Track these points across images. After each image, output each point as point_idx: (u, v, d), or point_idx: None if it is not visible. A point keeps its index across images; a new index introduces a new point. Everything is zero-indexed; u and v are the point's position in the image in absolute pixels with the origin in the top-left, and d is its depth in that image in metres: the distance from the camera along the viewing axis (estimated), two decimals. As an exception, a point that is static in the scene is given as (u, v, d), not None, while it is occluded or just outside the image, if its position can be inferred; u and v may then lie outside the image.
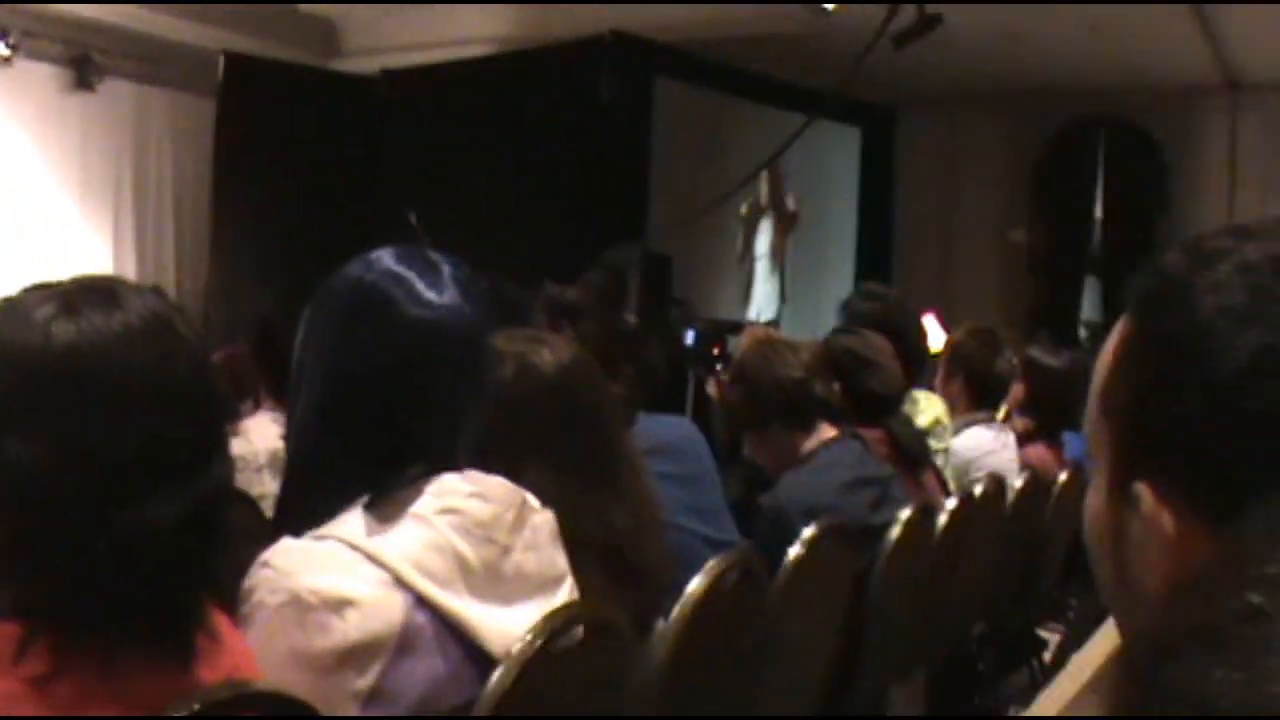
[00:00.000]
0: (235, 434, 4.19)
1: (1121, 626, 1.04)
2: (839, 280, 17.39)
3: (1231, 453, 0.90)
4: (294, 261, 11.75)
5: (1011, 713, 4.84)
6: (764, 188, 15.76)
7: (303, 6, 13.63)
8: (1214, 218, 17.09)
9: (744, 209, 15.73)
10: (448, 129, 13.08)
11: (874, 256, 17.60)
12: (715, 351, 8.38)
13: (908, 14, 11.13)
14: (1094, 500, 1.03)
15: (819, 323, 16.89)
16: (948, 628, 4.40)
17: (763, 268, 16.21)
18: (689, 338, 9.49)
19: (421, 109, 13.44)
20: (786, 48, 13.98)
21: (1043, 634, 5.50)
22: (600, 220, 12.55)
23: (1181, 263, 0.98)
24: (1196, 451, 0.92)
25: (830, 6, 10.57)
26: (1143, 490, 0.94)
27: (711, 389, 7.18)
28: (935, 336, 7.59)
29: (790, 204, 16.26)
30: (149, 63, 13.50)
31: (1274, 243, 0.94)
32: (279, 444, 3.67)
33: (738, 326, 10.03)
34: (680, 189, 14.07)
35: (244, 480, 3.75)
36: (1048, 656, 5.34)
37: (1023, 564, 5.04)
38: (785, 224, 16.30)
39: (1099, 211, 17.49)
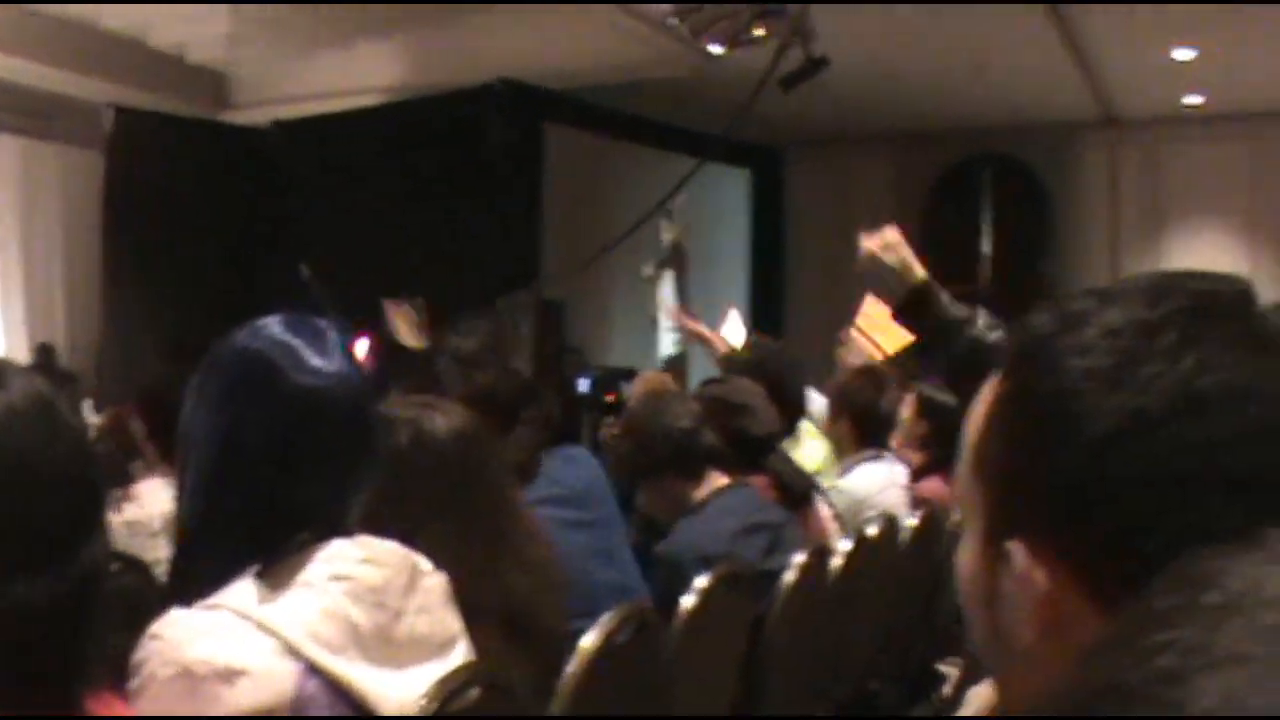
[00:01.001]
0: (129, 499, 4.14)
1: (997, 680, 1.07)
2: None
3: (1102, 513, 0.93)
4: (187, 316, 11.66)
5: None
6: (666, 238, 15.84)
7: (191, 58, 13.54)
8: (1098, 251, 17.43)
9: (649, 269, 15.81)
10: (340, 179, 13.05)
11: (767, 298, 17.73)
12: (610, 399, 8.42)
13: (794, 57, 11.24)
14: (967, 556, 1.06)
15: (710, 367, 17.01)
16: (847, 667, 4.44)
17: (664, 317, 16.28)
18: (583, 385, 9.53)
19: (313, 159, 13.39)
20: (675, 92, 14.09)
21: (942, 668, 5.56)
22: (493, 268, 12.55)
23: (1048, 324, 1.02)
24: (1068, 512, 0.94)
25: (717, 50, 10.64)
26: (1016, 549, 0.96)
27: (606, 435, 7.21)
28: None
29: (677, 245, 16.37)
30: (36, 117, 13.36)
31: (1136, 307, 0.98)
32: (172, 508, 3.64)
33: (631, 373, 10.07)
34: (572, 235, 14.11)
35: (138, 545, 3.72)
36: (947, 690, 5.39)
37: (920, 600, 5.09)
38: (682, 270, 16.41)
39: (986, 248, 17.77)
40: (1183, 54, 14.00)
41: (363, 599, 1.90)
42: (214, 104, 14.22)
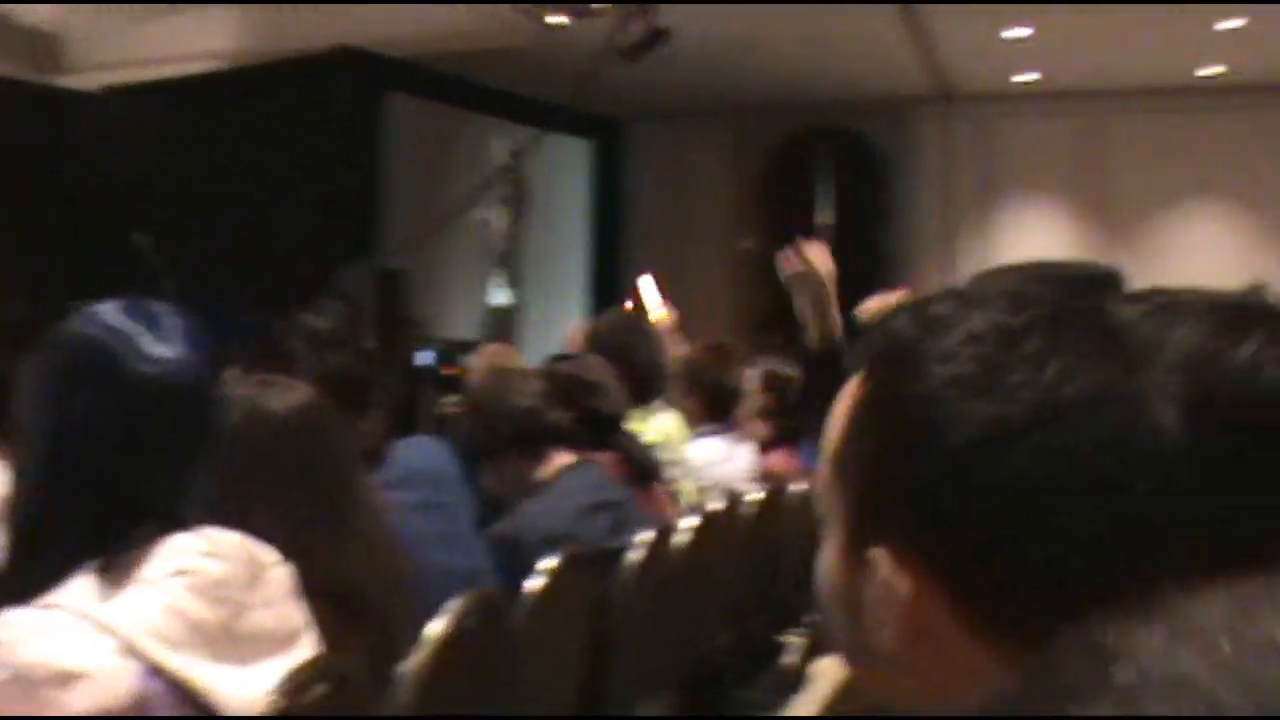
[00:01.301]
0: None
1: (858, 678, 1.07)
2: (572, 291, 17.53)
3: (967, 521, 0.93)
4: (15, 291, 11.33)
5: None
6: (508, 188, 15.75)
7: (20, 18, 13.14)
8: (933, 223, 17.76)
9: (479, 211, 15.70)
10: (177, 147, 12.78)
11: (606, 268, 17.78)
12: (451, 372, 8.35)
13: (636, 27, 11.26)
14: (828, 558, 1.05)
15: (550, 339, 17.02)
16: (692, 642, 4.47)
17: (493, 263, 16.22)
18: (424, 358, 9.45)
19: (148, 126, 13.09)
20: (518, 61, 14.02)
21: (784, 639, 5.62)
22: (335, 237, 12.42)
23: (909, 328, 1.00)
24: (932, 519, 0.95)
25: (557, 20, 10.62)
26: (879, 555, 0.97)
27: (446, 410, 7.15)
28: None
29: (518, 196, 16.30)
30: None
31: (996, 312, 0.98)
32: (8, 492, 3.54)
33: (473, 345, 10.01)
34: (414, 204, 14.02)
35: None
36: (790, 660, 5.45)
37: (762, 573, 5.14)
38: (514, 213, 16.31)
39: (823, 219, 17.99)
40: (1017, 32, 14.28)
41: (205, 594, 1.86)
42: (45, 66, 13.83)
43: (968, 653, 0.94)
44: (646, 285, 8.46)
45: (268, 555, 2.01)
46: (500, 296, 16.13)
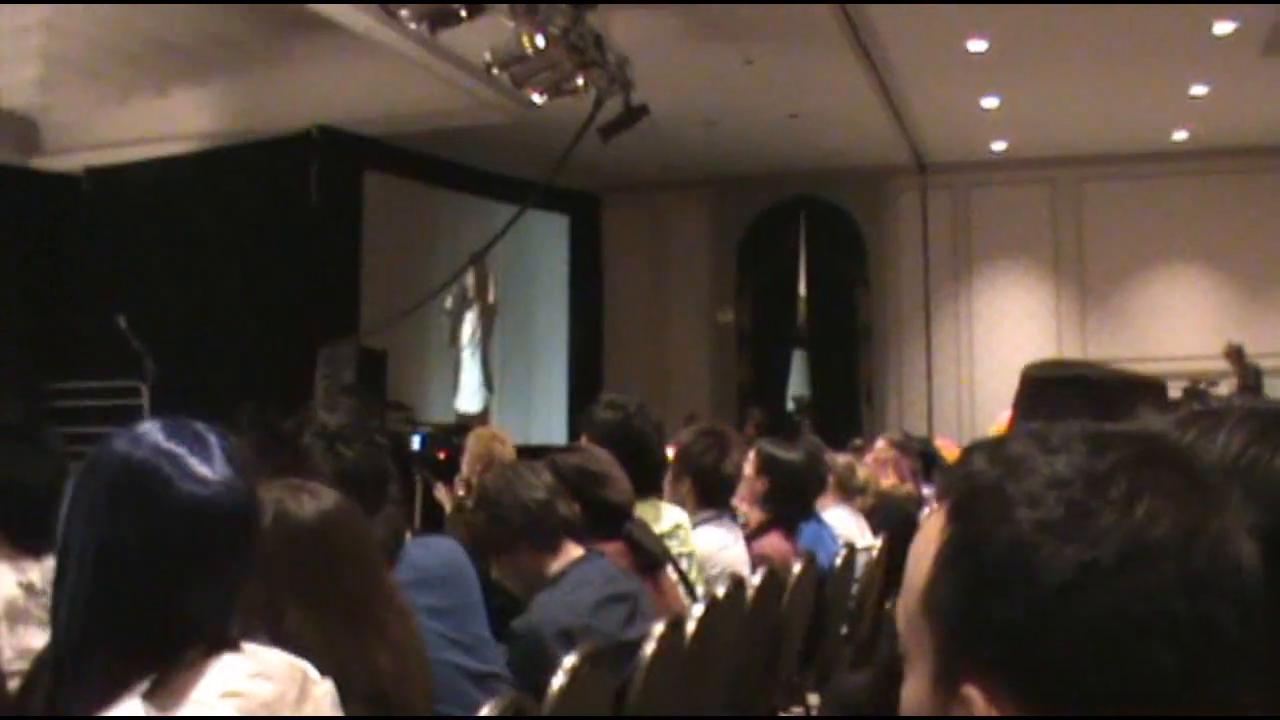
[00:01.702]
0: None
1: None
2: (552, 368, 17.56)
3: (1059, 659, 0.96)
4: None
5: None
6: (470, 278, 15.82)
7: (1, 103, 13.18)
8: (910, 291, 17.85)
9: (449, 302, 15.75)
10: (156, 227, 12.82)
11: (586, 342, 17.81)
12: (442, 456, 8.35)
13: (614, 105, 11.35)
14: (915, 691, 1.07)
15: (531, 413, 17.03)
16: (699, 726, 4.47)
17: (467, 358, 16.25)
18: (415, 442, 9.45)
19: (128, 207, 13.14)
20: (495, 139, 14.11)
21: (784, 716, 5.64)
22: (314, 317, 12.42)
23: (990, 471, 1.03)
24: (1025, 658, 0.97)
25: (539, 100, 10.69)
26: (973, 693, 0.99)
27: (441, 495, 7.14)
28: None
29: (490, 295, 16.38)
30: None
31: (1078, 455, 1.01)
32: (16, 591, 3.52)
33: (464, 429, 10.01)
34: (393, 283, 14.04)
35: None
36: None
37: (764, 654, 5.15)
38: (487, 315, 16.40)
39: (803, 289, 18.09)
40: (989, 101, 14.44)
41: (256, 715, 1.87)
42: (24, 149, 13.87)
43: None
44: None
45: (312, 671, 2.02)
46: (476, 403, 16.18)
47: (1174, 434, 1.39)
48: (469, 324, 16.26)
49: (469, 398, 16.25)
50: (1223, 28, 12.14)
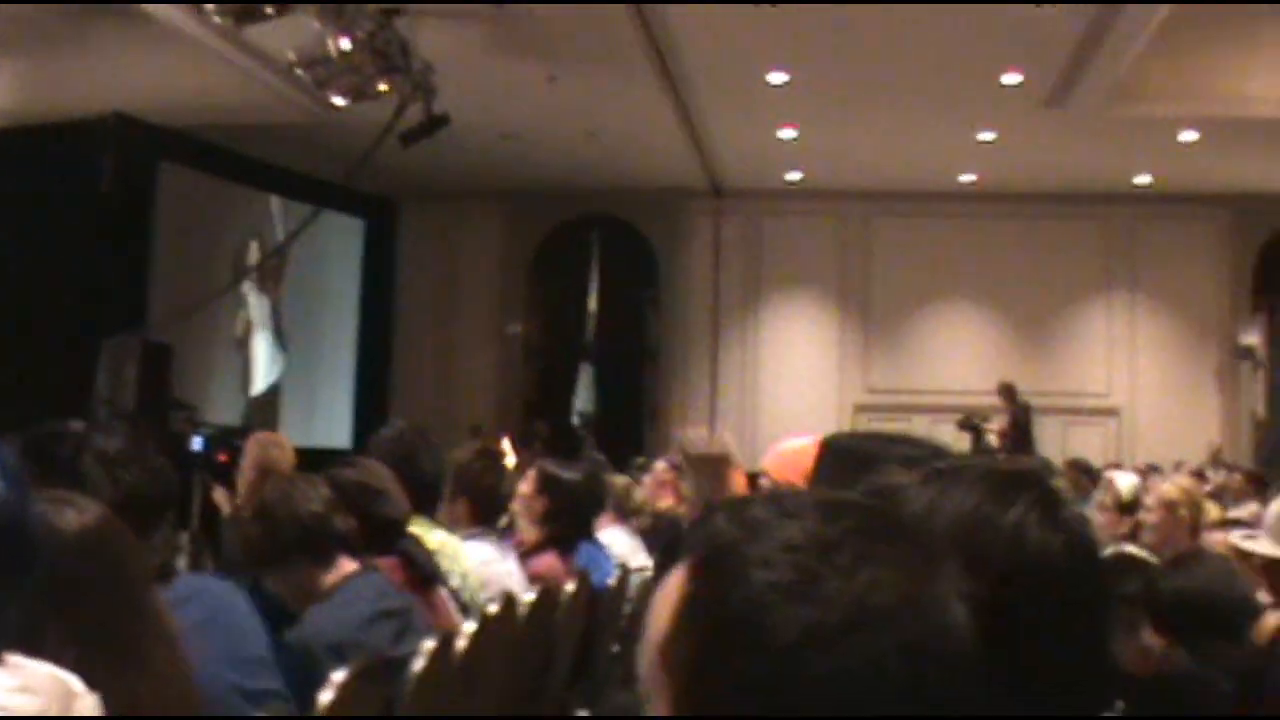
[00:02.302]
0: None
1: None
2: (340, 368, 17.37)
3: (785, 716, 1.02)
4: None
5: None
6: (251, 258, 15.57)
7: None
8: (699, 313, 18.08)
9: (244, 287, 15.53)
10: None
11: (375, 347, 17.67)
12: (223, 459, 8.23)
13: (415, 111, 11.33)
14: None
15: (315, 415, 16.84)
16: (465, 743, 4.50)
17: (259, 334, 16.03)
18: (196, 444, 9.29)
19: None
20: (293, 138, 13.97)
21: (552, 736, 5.69)
22: (99, 307, 12.13)
23: (729, 533, 1.09)
24: (753, 713, 1.03)
25: (340, 102, 10.62)
26: None
27: (219, 498, 7.05)
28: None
29: (280, 288, 16.18)
30: None
31: (811, 522, 1.08)
32: None
33: (241, 431, 9.87)
34: (182, 277, 13.79)
35: None
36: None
37: (535, 671, 5.20)
38: (276, 304, 16.18)
39: (593, 305, 18.21)
40: (786, 133, 14.74)
41: (18, 730, 1.87)
42: None
43: None
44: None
45: (77, 685, 2.01)
46: (273, 374, 15.96)
47: (915, 490, 1.49)
48: (258, 308, 16.00)
49: (261, 378, 16.05)
50: (1010, 78, 12.62)
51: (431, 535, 4.72)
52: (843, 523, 1.08)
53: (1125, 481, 6.80)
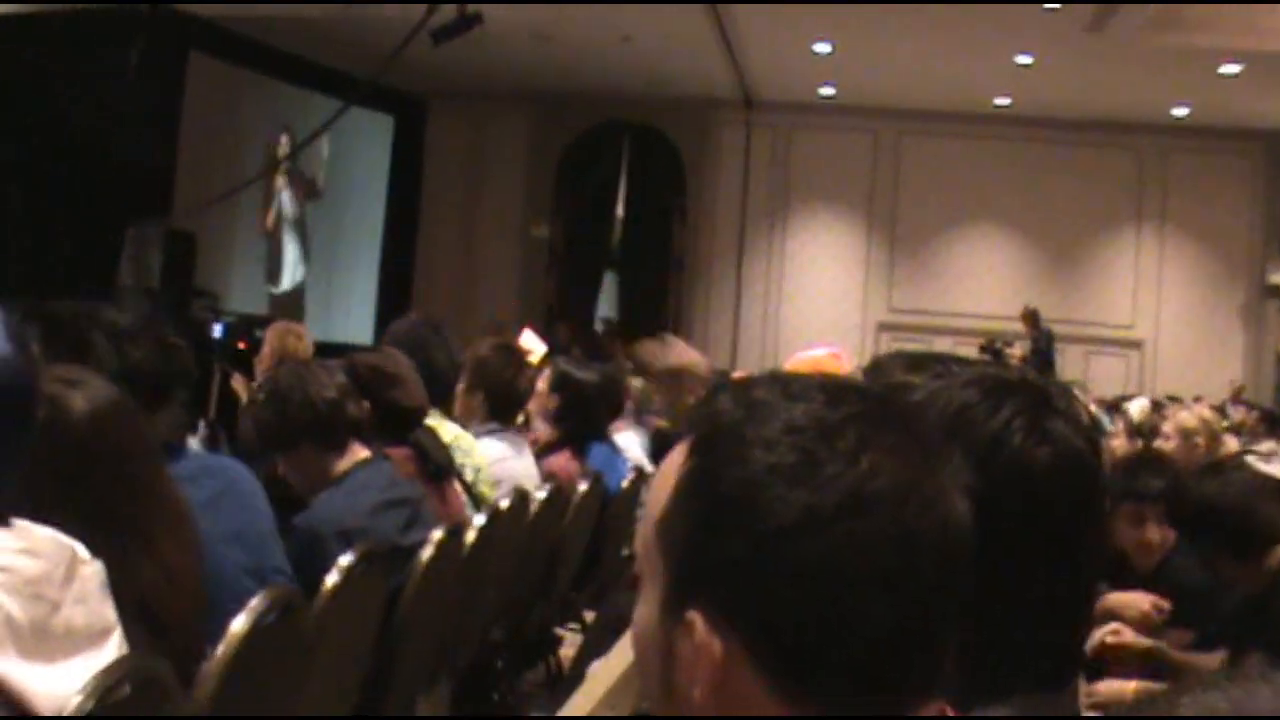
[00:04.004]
0: None
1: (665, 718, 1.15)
2: (364, 264, 17.41)
3: (774, 599, 1.02)
4: None
5: (533, 708, 5.03)
6: (281, 151, 15.57)
7: None
8: (726, 224, 18.02)
9: (279, 182, 15.55)
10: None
11: (399, 243, 17.68)
12: (242, 346, 8.25)
13: (447, 10, 11.25)
14: (646, 613, 1.12)
15: (334, 310, 16.89)
16: (472, 635, 4.53)
17: (287, 233, 16.06)
18: (216, 330, 9.32)
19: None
20: (324, 33, 13.89)
21: (560, 633, 5.73)
22: (125, 195, 12.14)
23: (733, 412, 1.08)
24: (744, 594, 1.03)
25: (373, -2, 10.57)
26: (695, 619, 1.05)
27: (237, 385, 7.07)
28: (535, 347, 7.74)
29: (310, 172, 16.17)
30: None
31: (815, 405, 1.06)
32: None
33: (263, 321, 9.90)
34: (210, 167, 13.78)
35: None
36: (565, 653, 5.57)
37: (542, 569, 5.23)
38: (306, 190, 16.18)
39: (620, 211, 18.16)
40: (821, 47, 14.60)
41: (20, 591, 1.87)
42: None
43: (768, 711, 1.04)
44: (528, 336, 8.42)
45: (81, 551, 2.01)
46: (296, 275, 15.99)
47: (918, 386, 1.47)
48: (288, 203, 16.04)
49: (287, 276, 16.11)
50: (1052, 3, 12.45)
51: (446, 428, 4.72)
52: (847, 408, 1.07)
53: (1136, 406, 6.78)
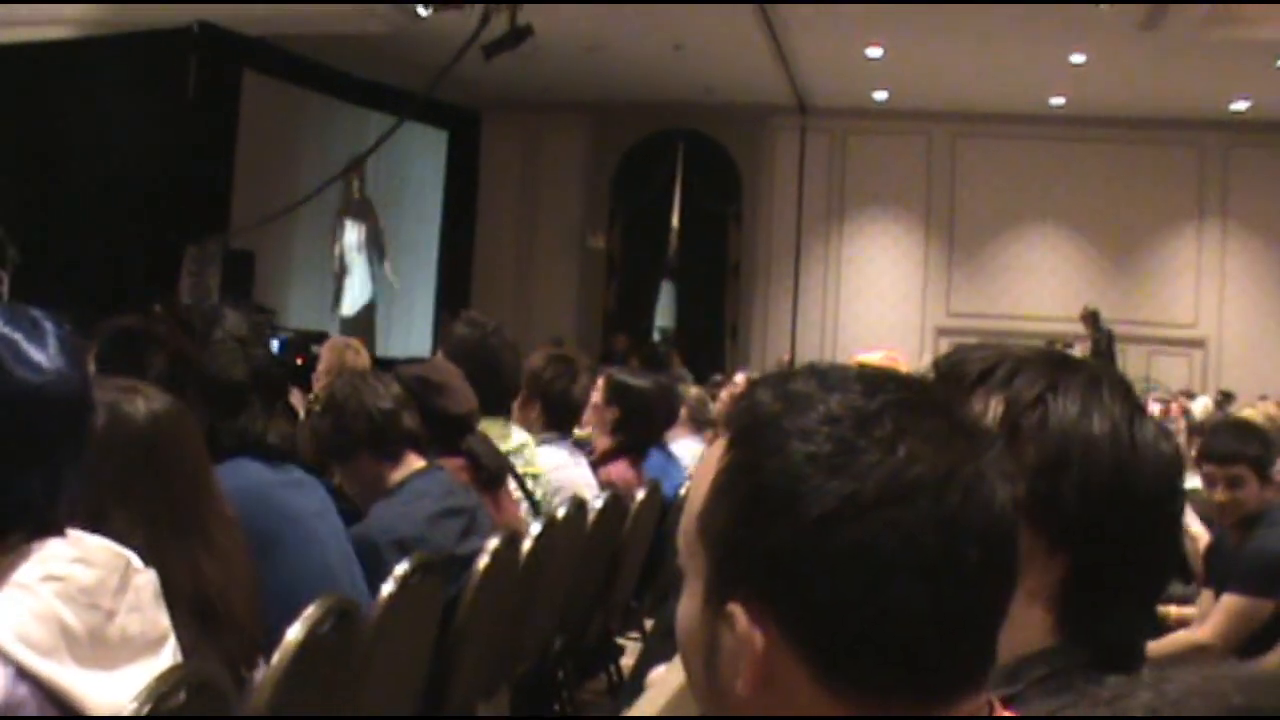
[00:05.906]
0: None
1: (709, 714, 1.16)
2: (421, 283, 17.47)
3: (816, 587, 1.02)
4: None
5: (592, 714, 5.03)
6: (355, 183, 15.74)
7: None
8: (782, 231, 17.99)
9: (339, 206, 15.68)
10: (27, 113, 12.50)
11: (456, 259, 17.73)
12: (300, 362, 8.28)
13: (498, 23, 11.29)
14: (689, 607, 1.13)
15: (393, 327, 16.97)
16: (530, 644, 4.54)
17: (354, 260, 16.20)
18: (274, 347, 9.33)
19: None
20: (376, 49, 13.98)
21: (620, 642, 5.73)
22: (183, 214, 12.26)
23: (771, 403, 1.09)
24: (786, 583, 1.03)
25: (424, 12, 10.61)
26: (737, 611, 1.05)
27: (295, 400, 7.09)
28: None
29: (369, 198, 16.31)
30: None
31: (852, 395, 1.07)
32: None
33: (323, 336, 9.95)
34: (264, 185, 13.88)
35: None
36: (625, 662, 5.57)
37: (601, 578, 5.23)
38: (370, 221, 16.33)
39: (675, 220, 18.18)
40: (874, 52, 14.57)
41: (75, 600, 1.89)
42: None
43: (812, 703, 1.04)
44: None
45: (135, 560, 2.03)
46: (364, 297, 16.11)
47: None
48: (352, 230, 16.19)
49: (356, 296, 16.25)
50: (1104, 1, 12.36)
51: (512, 435, 4.75)
52: (883, 396, 1.07)
53: (1199, 404, 6.71)
